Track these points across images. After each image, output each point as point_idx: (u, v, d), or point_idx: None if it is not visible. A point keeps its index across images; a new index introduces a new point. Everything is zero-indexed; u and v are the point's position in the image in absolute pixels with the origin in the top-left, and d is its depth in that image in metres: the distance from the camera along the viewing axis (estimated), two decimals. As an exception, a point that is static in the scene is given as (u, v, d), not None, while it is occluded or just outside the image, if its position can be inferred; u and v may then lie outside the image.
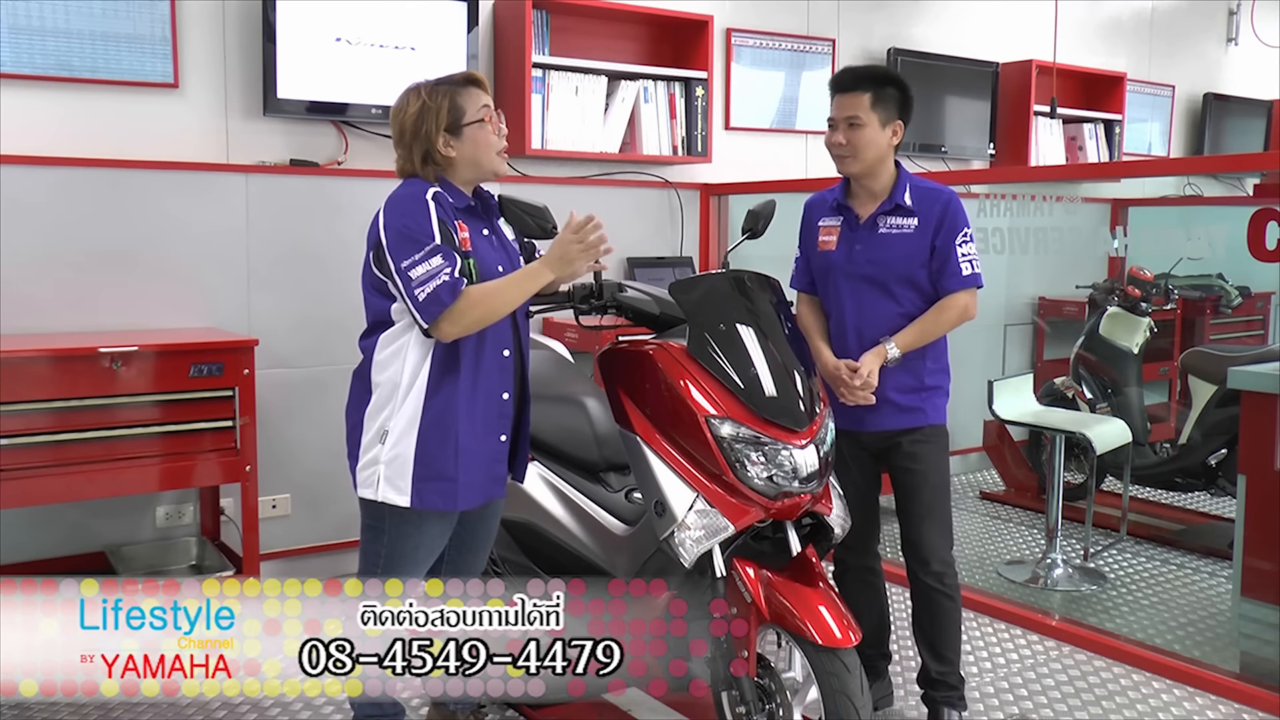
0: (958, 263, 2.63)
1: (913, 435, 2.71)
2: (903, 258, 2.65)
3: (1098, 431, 3.97)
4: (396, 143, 2.35)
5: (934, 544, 2.73)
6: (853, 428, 2.71)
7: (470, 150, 2.31)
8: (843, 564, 2.84)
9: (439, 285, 2.14)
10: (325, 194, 3.76)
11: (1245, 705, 2.98)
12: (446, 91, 2.31)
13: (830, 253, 2.74)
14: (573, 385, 3.06)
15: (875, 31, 5.15)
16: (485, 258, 2.30)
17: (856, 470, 2.78)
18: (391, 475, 2.26)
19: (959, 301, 2.65)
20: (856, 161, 2.67)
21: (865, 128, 2.65)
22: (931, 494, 2.73)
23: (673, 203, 4.56)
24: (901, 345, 2.62)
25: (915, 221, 2.66)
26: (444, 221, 2.21)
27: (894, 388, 2.66)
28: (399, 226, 2.20)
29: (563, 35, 4.23)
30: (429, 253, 2.15)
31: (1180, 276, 4.86)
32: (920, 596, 2.78)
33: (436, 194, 2.25)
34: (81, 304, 3.39)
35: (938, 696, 2.78)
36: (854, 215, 2.73)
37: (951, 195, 2.69)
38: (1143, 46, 6.26)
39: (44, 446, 2.97)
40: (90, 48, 3.37)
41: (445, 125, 2.29)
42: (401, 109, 2.33)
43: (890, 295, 2.66)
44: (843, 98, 2.69)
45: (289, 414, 3.70)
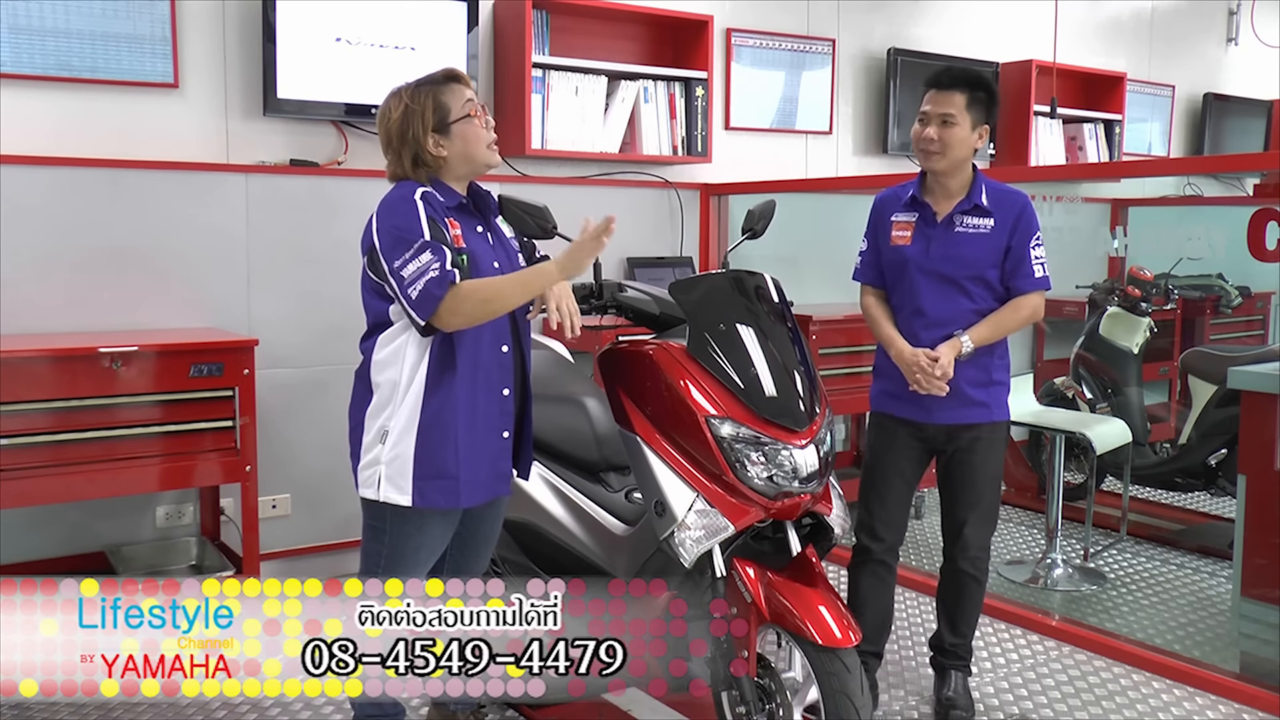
0: (1031, 265, 2.72)
1: (976, 430, 2.78)
2: (979, 256, 2.72)
3: (1098, 431, 3.97)
4: (385, 149, 2.35)
5: (979, 533, 2.84)
6: (919, 419, 2.78)
7: (460, 146, 2.31)
8: (865, 552, 2.87)
9: (429, 280, 2.14)
10: (325, 194, 3.76)
11: (1245, 705, 2.98)
12: (429, 91, 2.30)
13: (905, 248, 2.79)
14: (573, 385, 3.06)
15: (875, 31, 5.15)
16: (479, 254, 2.30)
17: (909, 462, 2.85)
18: (392, 475, 2.26)
19: (1030, 302, 2.73)
20: (944, 159, 2.72)
21: (957, 126, 2.70)
22: (985, 485, 2.82)
23: (673, 203, 4.56)
24: (975, 339, 2.69)
25: (991, 222, 2.73)
26: (434, 220, 2.21)
27: (964, 380, 2.72)
28: (390, 228, 2.20)
29: (563, 35, 4.23)
30: (418, 249, 2.16)
31: (1180, 276, 4.86)
32: (950, 576, 2.89)
33: (425, 193, 2.25)
34: (81, 304, 3.39)
35: (946, 662, 2.92)
36: (931, 212, 2.78)
37: (1026, 200, 2.77)
38: (1143, 46, 6.26)
39: (44, 446, 2.96)
40: (90, 48, 3.37)
41: (432, 125, 2.28)
42: (386, 115, 2.33)
43: (964, 291, 2.73)
44: (939, 94, 2.72)
45: (289, 414, 3.70)
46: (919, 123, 2.76)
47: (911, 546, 4.30)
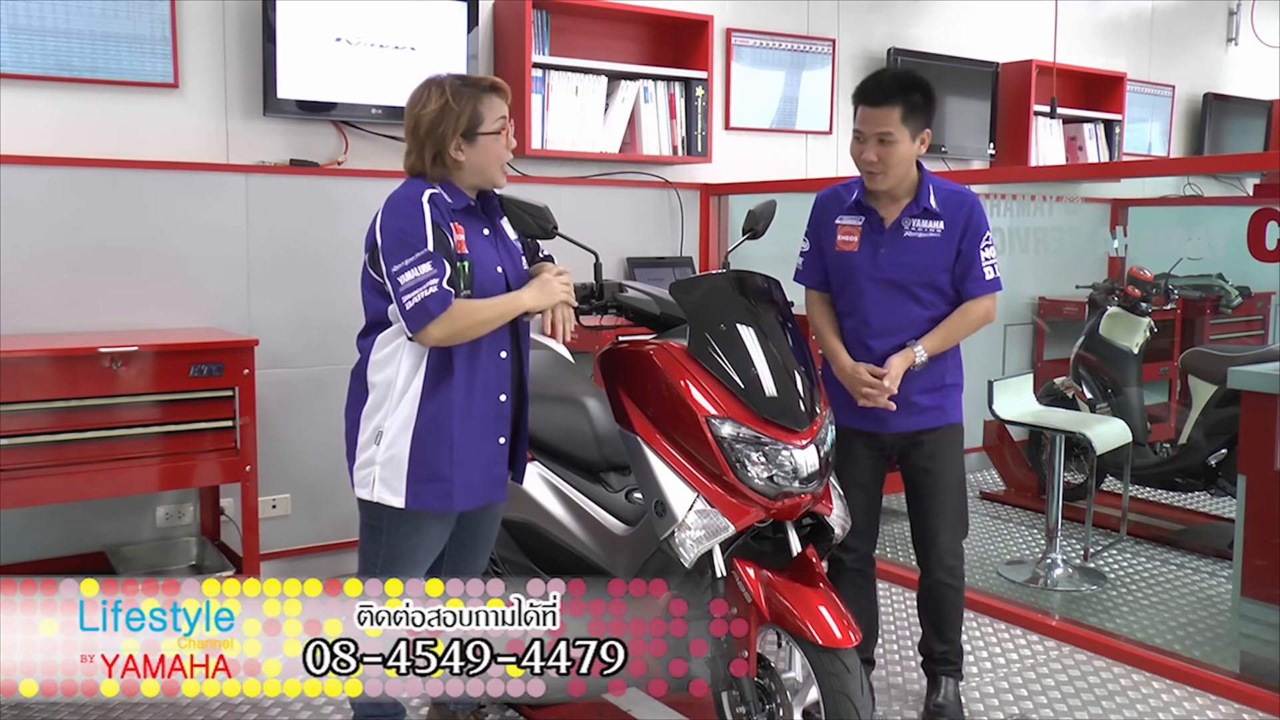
0: (981, 268, 2.64)
1: (934, 434, 2.73)
2: (930, 262, 2.64)
3: (1098, 431, 3.97)
4: (409, 135, 2.31)
5: (949, 540, 2.78)
6: (876, 429, 2.73)
7: (479, 159, 2.29)
8: (838, 564, 2.83)
9: (427, 296, 2.14)
10: (325, 194, 3.76)
11: (1245, 705, 2.98)
12: (471, 96, 2.27)
13: (852, 254, 2.71)
14: (573, 385, 3.06)
15: (875, 31, 5.15)
16: (483, 258, 2.30)
17: (868, 472, 2.79)
18: (387, 476, 2.26)
19: (981, 306, 2.67)
20: (888, 178, 2.63)
21: (897, 144, 2.58)
22: (948, 491, 2.77)
23: (673, 203, 4.56)
24: (928, 349, 2.63)
25: (941, 225, 2.65)
26: (439, 225, 2.20)
27: (919, 389, 2.67)
28: (394, 229, 2.20)
29: (563, 35, 4.23)
30: (419, 259, 2.15)
31: (1180, 276, 4.86)
32: (928, 587, 2.84)
33: (433, 195, 2.24)
34: (81, 304, 3.39)
35: (937, 669, 2.87)
36: (878, 217, 2.69)
37: (975, 199, 2.69)
38: (1143, 46, 6.26)
39: (44, 446, 2.97)
40: (90, 48, 3.37)
41: (462, 130, 2.26)
42: (420, 102, 2.28)
43: (915, 298, 2.66)
44: (872, 111, 2.59)
45: (289, 414, 3.70)
46: (855, 139, 2.64)
47: (902, 545, 4.30)
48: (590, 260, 2.46)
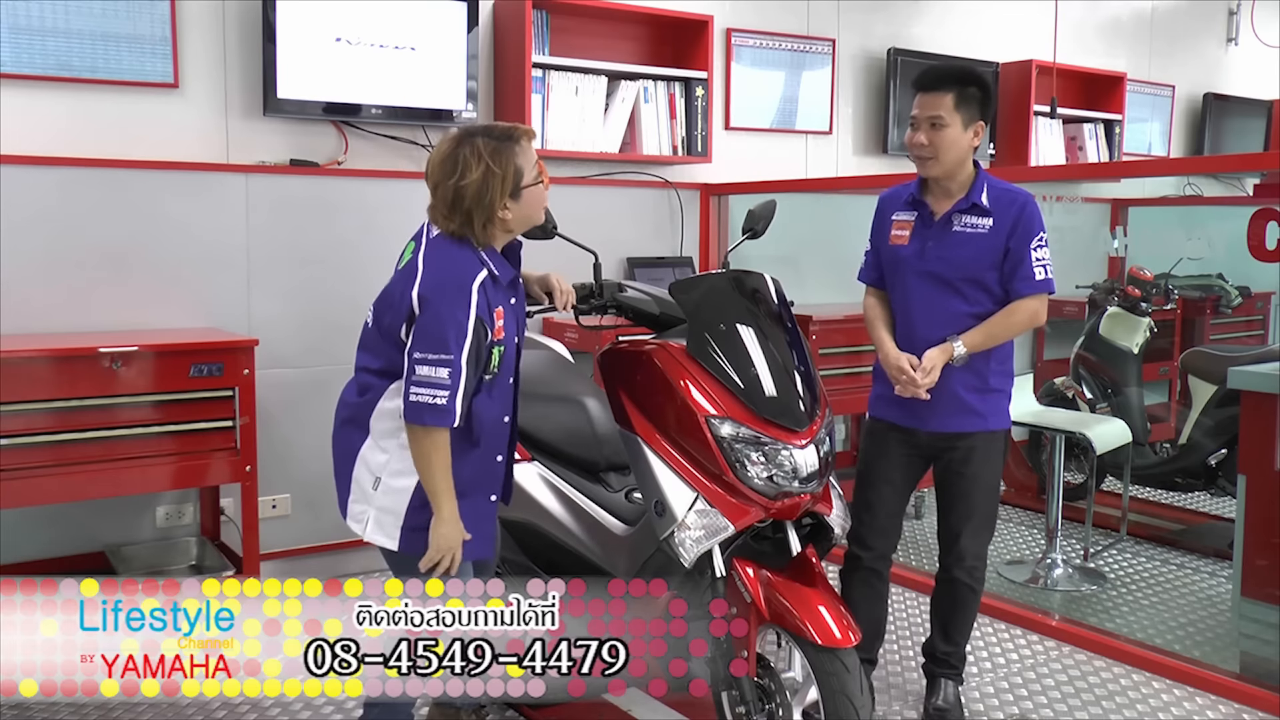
0: (1031, 267, 2.61)
1: (971, 440, 2.70)
2: (974, 258, 2.63)
3: (1098, 431, 3.97)
4: (448, 205, 2.16)
5: (975, 543, 2.78)
6: (913, 425, 2.71)
7: (525, 211, 2.21)
8: (855, 560, 2.82)
9: (430, 404, 2.07)
10: (325, 194, 3.76)
11: (1245, 705, 2.98)
12: (508, 153, 2.15)
13: (901, 248, 2.72)
14: (573, 385, 3.06)
15: (875, 31, 5.15)
16: (508, 336, 2.23)
17: (899, 470, 2.78)
18: (382, 522, 2.24)
19: (1029, 306, 2.63)
20: (938, 164, 2.63)
21: (948, 128, 2.60)
22: (982, 497, 2.75)
23: (673, 203, 4.56)
24: (968, 345, 2.60)
25: (990, 222, 2.64)
26: (481, 320, 2.11)
27: (959, 385, 2.65)
28: (434, 314, 2.09)
29: (563, 35, 4.23)
30: (441, 363, 2.07)
31: (1180, 276, 4.86)
32: (945, 585, 2.83)
33: (484, 282, 2.14)
34: (81, 304, 3.39)
35: (938, 670, 2.87)
36: (929, 211, 2.70)
37: (1029, 198, 2.67)
38: (1143, 46, 6.26)
39: (44, 446, 2.97)
40: (90, 48, 3.37)
41: (509, 191, 2.16)
42: (458, 173, 2.13)
43: (959, 294, 2.64)
44: (926, 97, 2.63)
45: (289, 414, 3.70)
46: (910, 127, 2.68)
47: (911, 547, 4.30)
48: (590, 260, 2.46)
